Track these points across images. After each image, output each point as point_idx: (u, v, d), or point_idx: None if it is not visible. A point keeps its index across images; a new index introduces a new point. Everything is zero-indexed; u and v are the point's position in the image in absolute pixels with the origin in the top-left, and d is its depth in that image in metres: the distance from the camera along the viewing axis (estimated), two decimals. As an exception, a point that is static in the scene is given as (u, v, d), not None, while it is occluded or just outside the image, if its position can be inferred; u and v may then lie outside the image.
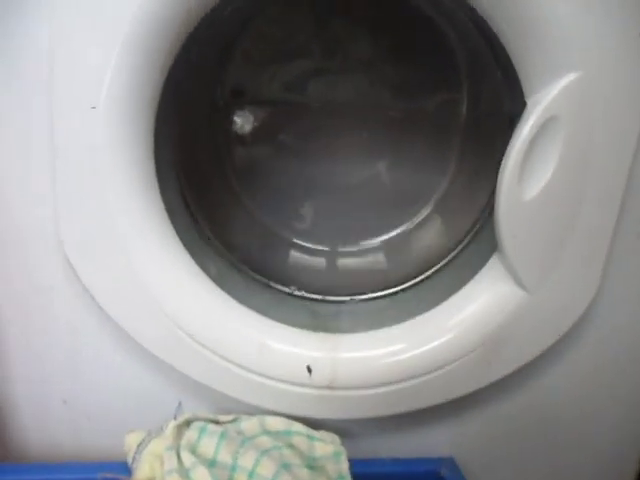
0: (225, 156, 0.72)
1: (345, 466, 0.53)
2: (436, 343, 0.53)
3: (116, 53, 0.44)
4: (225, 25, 0.62)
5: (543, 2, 0.42)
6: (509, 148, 0.47)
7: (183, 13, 0.45)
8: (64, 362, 0.58)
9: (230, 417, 0.56)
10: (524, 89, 0.46)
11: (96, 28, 0.44)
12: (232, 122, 0.72)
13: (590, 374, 0.61)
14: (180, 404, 0.59)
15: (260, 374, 0.53)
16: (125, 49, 0.44)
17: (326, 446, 0.54)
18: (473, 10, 0.46)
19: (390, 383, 0.53)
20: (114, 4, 0.44)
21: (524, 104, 0.47)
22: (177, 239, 0.52)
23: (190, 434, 0.52)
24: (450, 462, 0.61)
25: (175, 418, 0.55)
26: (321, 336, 0.55)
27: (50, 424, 0.61)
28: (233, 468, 0.49)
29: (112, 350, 0.57)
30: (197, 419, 0.55)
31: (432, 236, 0.71)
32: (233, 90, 0.70)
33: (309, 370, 0.53)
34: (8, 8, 0.47)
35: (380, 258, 0.72)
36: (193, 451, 0.50)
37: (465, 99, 0.69)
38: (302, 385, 0.53)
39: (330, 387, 0.53)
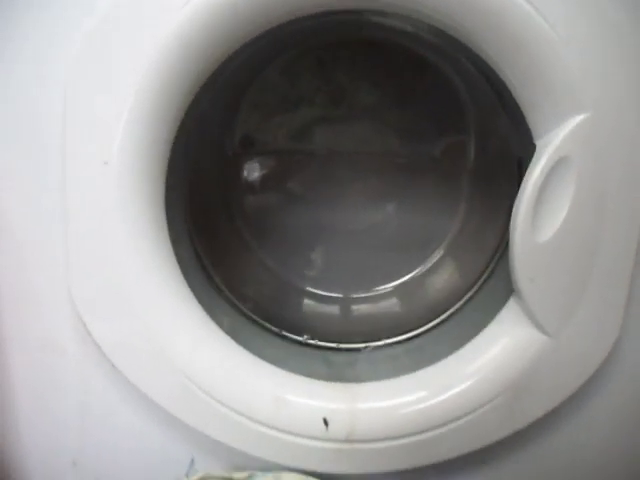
0: (235, 206, 0.72)
1: (366, 525, 0.51)
2: (457, 390, 0.51)
3: (128, 108, 0.45)
4: (235, 76, 0.64)
5: (547, 46, 0.43)
6: (521, 191, 0.46)
7: (194, 68, 0.46)
8: (74, 421, 0.57)
9: (244, 474, 0.54)
10: (532, 131, 0.46)
11: (109, 82, 0.45)
12: (242, 172, 0.73)
13: (617, 417, 0.58)
14: (193, 461, 0.57)
15: (275, 428, 0.51)
16: (137, 104, 0.45)
17: (346, 504, 0.52)
18: (477, 56, 0.47)
19: (410, 434, 0.51)
20: (126, 60, 0.45)
21: (533, 146, 0.47)
22: (189, 292, 0.52)
23: (204, 494, 0.51)
24: (476, 517, 0.58)
25: (187, 476, 0.53)
26: (337, 386, 0.53)
27: (59, 488, 0.59)
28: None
29: (123, 407, 0.56)
30: (210, 477, 0.53)
31: (445, 279, 0.70)
32: (242, 140, 0.71)
33: (326, 423, 0.51)
34: (22, 65, 0.48)
35: (394, 303, 0.71)
36: (207, 513, 0.49)
37: (472, 142, 0.70)
38: (319, 439, 0.51)
39: (348, 440, 0.51)
